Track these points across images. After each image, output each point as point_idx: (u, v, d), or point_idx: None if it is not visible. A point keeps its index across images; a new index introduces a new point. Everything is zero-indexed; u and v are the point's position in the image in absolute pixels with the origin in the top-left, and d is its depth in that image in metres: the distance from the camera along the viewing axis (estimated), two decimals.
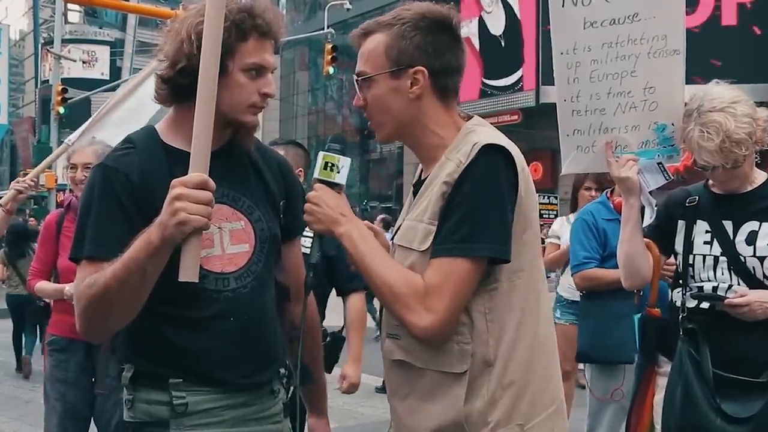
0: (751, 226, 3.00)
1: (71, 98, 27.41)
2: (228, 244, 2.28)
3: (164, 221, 1.96)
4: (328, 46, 24.95)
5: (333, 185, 2.20)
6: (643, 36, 3.13)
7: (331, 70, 25.33)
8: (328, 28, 27.87)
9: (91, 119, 5.61)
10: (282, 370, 2.45)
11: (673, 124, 3.16)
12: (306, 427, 2.86)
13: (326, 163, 2.19)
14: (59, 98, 25.79)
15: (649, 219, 3.33)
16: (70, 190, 5.11)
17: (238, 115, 2.25)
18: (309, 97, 48.55)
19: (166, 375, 2.21)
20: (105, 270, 2.06)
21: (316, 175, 2.20)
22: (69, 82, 29.66)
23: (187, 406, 2.20)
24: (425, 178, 2.25)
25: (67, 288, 4.16)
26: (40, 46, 44.82)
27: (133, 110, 5.29)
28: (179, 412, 2.20)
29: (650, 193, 3.29)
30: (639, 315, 3.37)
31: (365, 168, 44.81)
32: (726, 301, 2.89)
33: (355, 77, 2.26)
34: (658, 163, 3.21)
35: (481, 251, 2.06)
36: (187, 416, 2.21)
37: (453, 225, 2.06)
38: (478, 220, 2.05)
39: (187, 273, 2.03)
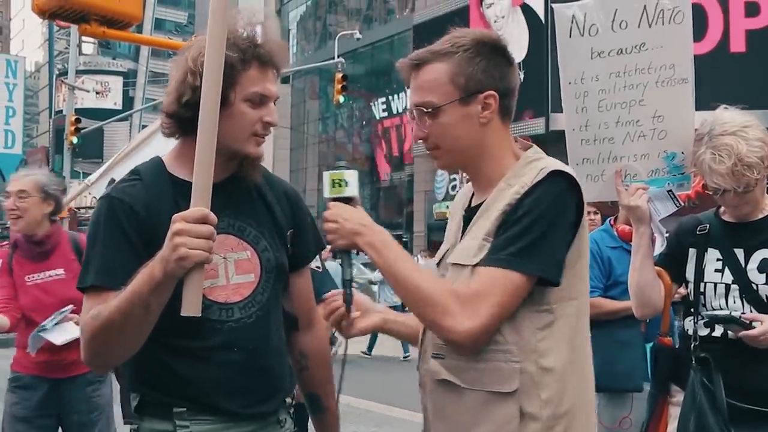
0: (763, 254, 2.98)
1: (84, 128, 27.62)
2: (233, 274, 2.27)
3: (166, 256, 1.95)
4: (339, 75, 25.12)
5: (347, 200, 2.18)
6: (650, 65, 3.13)
7: (341, 98, 25.49)
8: (338, 57, 28.06)
9: (111, 160, 5.69)
10: (288, 400, 2.43)
11: (683, 153, 3.14)
12: None
13: (333, 180, 2.18)
14: (72, 128, 26.06)
15: (659, 247, 3.31)
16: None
17: (241, 146, 2.24)
18: (320, 126, 48.78)
19: (171, 404, 2.21)
20: (110, 302, 2.06)
21: (326, 195, 2.19)
22: (82, 112, 29.96)
23: None
24: (479, 204, 2.23)
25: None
26: (54, 77, 45.29)
27: (152, 153, 5.32)
28: None
29: (660, 220, 3.28)
30: (651, 344, 3.32)
31: (375, 196, 44.87)
32: (741, 334, 2.84)
33: (414, 110, 2.22)
34: (668, 191, 3.19)
35: (531, 269, 2.03)
36: None
37: (508, 239, 2.04)
38: (534, 238, 2.03)
39: (189, 307, 2.01)
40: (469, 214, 2.27)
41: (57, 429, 4.35)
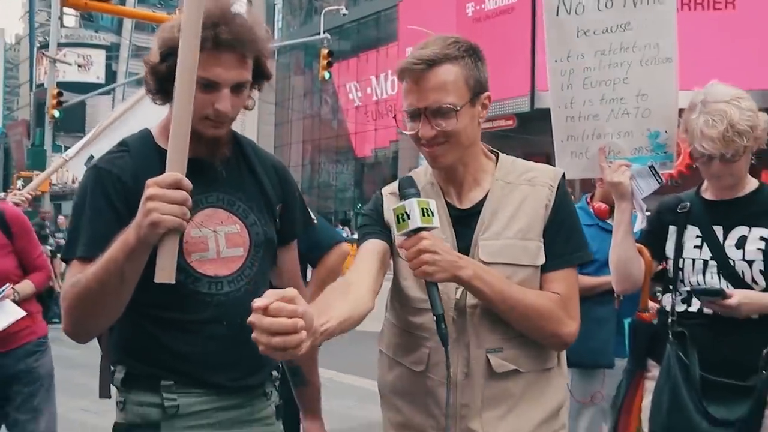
0: (741, 230, 3.02)
1: (66, 102, 27.40)
2: (223, 247, 2.27)
3: (138, 221, 1.93)
4: (324, 51, 24.98)
5: (430, 230, 2.16)
6: (635, 44, 3.17)
7: (326, 74, 25.37)
8: (324, 33, 27.88)
9: (89, 135, 5.58)
10: (274, 373, 2.46)
11: (666, 131, 3.19)
12: (302, 428, 2.86)
13: (422, 209, 2.13)
14: (54, 102, 25.81)
15: (640, 224, 3.35)
16: None
17: (197, 127, 2.13)
18: (304, 102, 48.61)
19: (159, 377, 2.21)
20: (88, 270, 2.05)
21: (419, 223, 2.12)
22: (64, 86, 29.68)
23: (178, 408, 2.20)
24: (477, 204, 2.37)
25: None
26: (35, 49, 44.82)
27: (130, 128, 5.24)
28: (171, 414, 2.20)
29: (642, 200, 3.32)
30: (629, 320, 3.37)
31: (360, 172, 44.86)
32: (719, 303, 2.89)
33: (431, 108, 2.25)
34: (650, 167, 3.23)
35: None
36: (178, 418, 2.21)
37: (564, 241, 2.33)
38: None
39: (163, 274, 1.99)
40: (463, 213, 2.37)
41: (4, 404, 4.28)
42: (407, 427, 2.41)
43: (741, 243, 3.00)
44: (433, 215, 2.15)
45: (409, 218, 2.13)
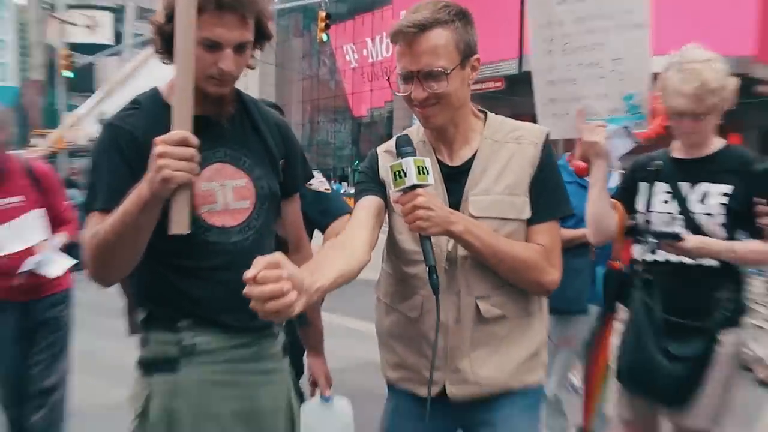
0: (705, 187, 3.08)
1: (76, 63, 27.11)
2: (231, 200, 2.28)
3: (150, 177, 1.94)
4: (322, 14, 24.63)
5: (425, 187, 2.18)
6: (611, 11, 3.15)
7: (324, 36, 25.09)
8: None
9: (100, 94, 5.57)
10: None
11: (639, 94, 3.19)
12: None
13: (418, 167, 2.15)
14: (64, 62, 25.54)
15: (616, 182, 3.42)
16: None
17: (201, 85, 2.15)
18: (303, 63, 48.15)
19: (176, 318, 2.26)
20: (105, 221, 2.06)
21: (414, 181, 2.14)
22: (74, 47, 29.25)
23: (194, 346, 2.26)
24: (467, 161, 2.39)
25: None
26: (40, 11, 44.15)
27: (140, 86, 5.21)
28: (188, 352, 2.25)
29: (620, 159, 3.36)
30: (602, 268, 3.45)
31: (356, 131, 44.61)
32: (676, 244, 2.98)
33: (423, 71, 2.26)
34: (625, 127, 3.24)
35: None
36: (195, 355, 2.25)
37: (549, 196, 2.38)
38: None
39: (177, 226, 2.03)
40: (453, 170, 2.40)
41: (29, 346, 4.33)
42: (402, 366, 2.49)
43: (704, 198, 3.07)
44: (428, 173, 2.16)
45: (405, 175, 2.14)
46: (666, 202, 3.16)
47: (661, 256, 3.15)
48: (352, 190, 2.61)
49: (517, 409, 2.43)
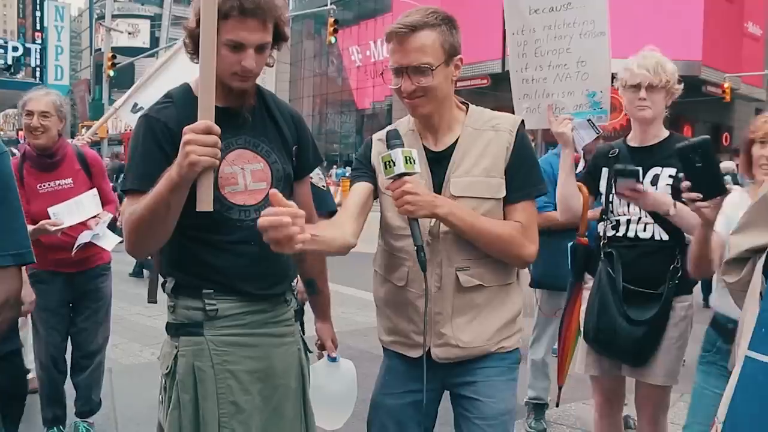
0: (655, 170, 3.06)
1: (119, 63, 27.10)
2: (250, 181, 2.26)
3: (179, 162, 1.95)
4: (331, 20, 24.62)
5: (412, 175, 2.16)
6: (575, 21, 3.23)
7: (332, 39, 25.07)
8: (330, 4, 27.37)
9: (133, 87, 5.49)
10: (293, 284, 2.48)
11: (601, 91, 3.25)
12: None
13: (406, 158, 2.13)
14: (109, 63, 25.62)
15: (581, 167, 3.42)
16: (25, 140, 4.38)
17: (226, 81, 2.17)
18: (314, 62, 48.01)
19: (200, 286, 2.23)
20: (141, 201, 2.06)
21: (402, 169, 2.12)
22: (117, 50, 29.30)
23: (217, 311, 2.23)
24: (449, 147, 2.35)
25: (47, 224, 3.89)
26: (94, 20, 44.05)
27: (168, 79, 5.12)
28: (211, 316, 2.23)
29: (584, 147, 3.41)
30: (571, 243, 3.42)
31: (360, 121, 44.55)
32: (633, 184, 2.94)
33: (410, 66, 2.24)
34: (588, 120, 3.29)
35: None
36: (217, 319, 2.23)
37: (523, 177, 2.33)
38: (535, 169, 2.38)
39: (203, 205, 2.04)
40: (437, 155, 2.35)
41: (75, 314, 4.29)
42: (394, 331, 2.46)
43: (654, 180, 3.05)
44: (414, 163, 2.14)
45: (394, 165, 2.13)
46: None
47: (621, 231, 3.13)
48: None
49: (496, 370, 2.39)
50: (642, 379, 3.13)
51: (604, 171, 3.23)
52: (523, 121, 2.41)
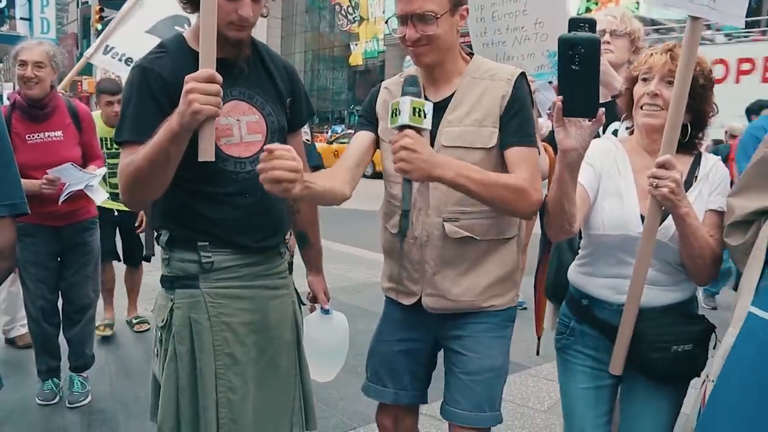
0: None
1: (107, 17, 26.68)
2: (245, 133, 2.26)
3: (181, 111, 1.92)
4: None
5: (419, 130, 1.98)
6: None
7: None
8: None
9: (103, 33, 5.36)
10: (287, 237, 2.49)
11: None
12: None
13: (414, 108, 1.94)
14: (97, 17, 25.31)
15: (546, 128, 3.39)
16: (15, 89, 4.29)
17: (223, 31, 2.15)
18: (306, 18, 47.38)
19: (195, 239, 2.23)
20: (139, 151, 2.03)
21: (406, 120, 1.94)
22: (105, 3, 28.81)
23: (212, 264, 2.23)
24: (448, 97, 2.30)
25: (38, 182, 3.87)
26: None
27: (138, 20, 4.99)
28: (206, 269, 2.23)
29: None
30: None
31: (352, 78, 44.14)
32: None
33: (414, 14, 2.19)
34: (549, 82, 3.25)
35: (534, 145, 2.26)
36: (212, 272, 2.24)
37: (519, 124, 2.23)
38: (531, 120, 2.28)
39: (204, 154, 2.01)
40: (436, 105, 2.20)
41: (59, 268, 4.26)
42: (391, 278, 2.48)
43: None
44: (425, 117, 1.97)
45: (400, 114, 1.97)
46: None
47: None
48: (350, 131, 2.55)
49: (484, 326, 2.37)
50: None
51: None
52: (524, 73, 2.33)
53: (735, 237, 2.02)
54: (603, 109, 1.89)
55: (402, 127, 1.97)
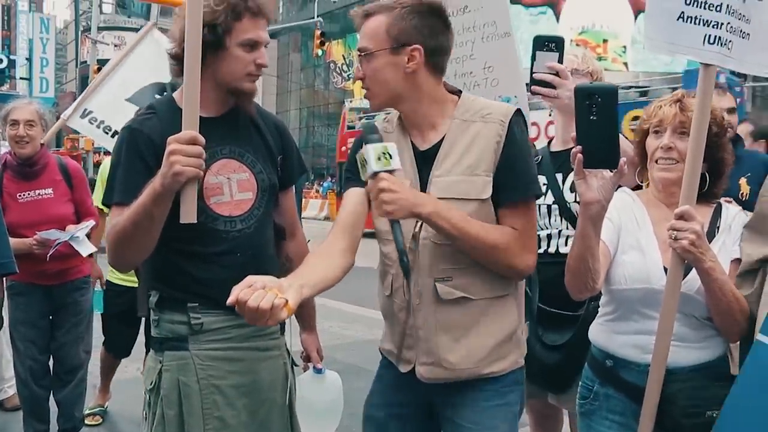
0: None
1: None
2: (235, 191, 2.24)
3: (163, 172, 1.91)
4: (317, 33, 24.70)
5: (391, 171, 1.90)
6: (474, 24, 2.94)
7: (319, 52, 25.27)
8: (317, 17, 27.50)
9: (81, 96, 5.23)
10: None
11: (516, 96, 2.90)
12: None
13: (378, 154, 1.88)
14: (95, 76, 25.52)
15: None
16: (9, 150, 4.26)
17: (237, 83, 2.19)
18: (301, 75, 48.06)
19: (185, 300, 2.19)
20: (124, 213, 2.03)
21: (374, 169, 1.88)
22: (103, 63, 29.19)
23: (202, 325, 2.19)
24: (436, 144, 2.11)
25: (29, 240, 3.86)
26: (80, 32, 43.96)
27: (117, 83, 4.87)
28: (196, 330, 2.19)
29: None
30: None
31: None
32: (560, 66, 2.61)
33: (357, 52, 2.13)
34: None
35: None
36: (202, 333, 2.19)
37: (517, 175, 2.05)
38: (532, 168, 2.12)
39: (186, 216, 2.00)
40: (424, 153, 2.13)
41: (50, 328, 4.20)
42: (387, 341, 2.31)
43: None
44: (391, 158, 1.89)
45: (368, 164, 1.90)
46: (544, 194, 2.84)
47: (542, 248, 2.81)
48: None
49: (484, 393, 2.13)
50: (565, 407, 2.91)
51: None
52: (519, 110, 2.12)
53: (745, 287, 1.96)
54: (624, 159, 1.83)
55: (374, 175, 1.90)
